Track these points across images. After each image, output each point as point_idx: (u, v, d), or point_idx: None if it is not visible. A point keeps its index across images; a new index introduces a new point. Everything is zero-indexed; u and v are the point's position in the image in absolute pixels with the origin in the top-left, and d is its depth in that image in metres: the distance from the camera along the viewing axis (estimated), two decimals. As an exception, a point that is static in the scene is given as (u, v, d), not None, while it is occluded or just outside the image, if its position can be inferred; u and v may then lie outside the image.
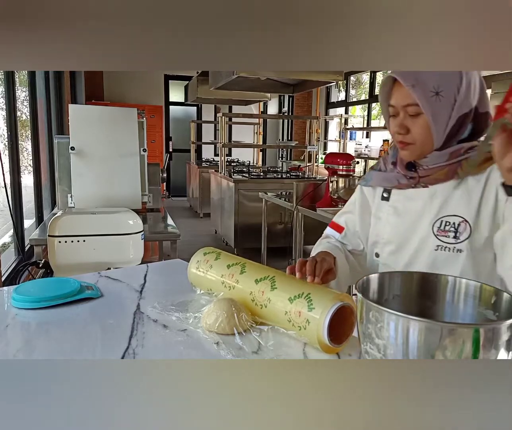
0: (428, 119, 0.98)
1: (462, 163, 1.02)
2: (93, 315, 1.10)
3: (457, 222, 1.02)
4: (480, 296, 0.73)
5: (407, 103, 0.99)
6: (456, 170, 1.02)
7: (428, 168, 1.05)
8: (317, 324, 0.86)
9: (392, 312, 0.62)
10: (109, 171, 2.66)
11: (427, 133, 1.00)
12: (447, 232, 1.03)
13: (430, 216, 1.06)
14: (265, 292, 0.98)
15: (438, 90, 0.96)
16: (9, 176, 2.93)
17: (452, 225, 1.02)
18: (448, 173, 1.03)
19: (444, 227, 1.03)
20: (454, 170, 1.02)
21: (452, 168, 1.02)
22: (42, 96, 4.30)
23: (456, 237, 1.02)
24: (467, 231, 1.01)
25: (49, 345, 0.96)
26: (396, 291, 0.78)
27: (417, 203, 1.09)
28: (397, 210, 1.14)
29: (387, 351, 0.64)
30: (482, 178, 1.00)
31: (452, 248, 1.02)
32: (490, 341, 0.58)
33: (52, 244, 2.04)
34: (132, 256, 2.16)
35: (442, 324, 0.60)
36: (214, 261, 1.15)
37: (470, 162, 1.01)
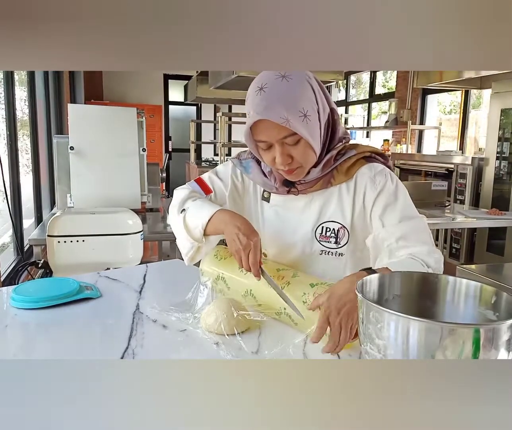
0: (308, 140, 0.98)
1: (334, 173, 1.09)
2: (92, 315, 1.09)
3: (337, 227, 1.10)
4: (480, 296, 0.73)
5: (283, 136, 0.98)
6: (330, 180, 1.09)
7: (305, 183, 1.09)
8: None
9: (392, 312, 0.62)
10: (109, 171, 2.66)
11: (309, 152, 1.02)
12: (329, 237, 1.11)
13: (311, 221, 1.12)
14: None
15: (304, 113, 0.96)
16: (8, 176, 2.93)
17: (332, 231, 1.10)
18: (323, 184, 1.10)
19: (325, 233, 1.11)
20: (328, 180, 1.09)
21: (326, 179, 1.09)
22: (41, 96, 4.29)
23: (337, 242, 1.10)
24: (345, 236, 1.10)
25: (48, 345, 0.96)
26: (396, 291, 0.78)
27: (297, 209, 1.14)
28: (278, 214, 1.17)
29: (387, 351, 0.63)
30: (351, 186, 1.09)
31: (334, 252, 1.11)
32: (490, 341, 0.58)
33: (51, 244, 2.04)
34: (132, 256, 2.16)
35: (442, 324, 0.60)
36: None
37: (339, 170, 1.09)
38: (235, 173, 1.21)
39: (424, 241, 1.02)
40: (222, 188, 1.20)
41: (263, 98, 0.95)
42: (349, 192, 1.09)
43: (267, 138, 0.99)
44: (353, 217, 1.09)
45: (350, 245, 1.10)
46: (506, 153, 3.92)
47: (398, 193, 1.06)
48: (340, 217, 1.09)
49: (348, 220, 1.09)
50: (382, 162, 1.12)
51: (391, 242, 1.02)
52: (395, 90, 6.43)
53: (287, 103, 0.94)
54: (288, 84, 0.95)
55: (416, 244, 1.01)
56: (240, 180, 1.21)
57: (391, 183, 1.07)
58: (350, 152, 1.09)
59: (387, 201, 1.05)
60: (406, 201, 1.07)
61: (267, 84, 0.96)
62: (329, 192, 1.11)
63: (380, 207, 1.06)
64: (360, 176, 1.09)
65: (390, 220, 1.04)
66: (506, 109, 3.89)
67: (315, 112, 0.99)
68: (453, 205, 3.65)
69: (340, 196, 1.10)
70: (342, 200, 1.10)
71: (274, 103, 0.94)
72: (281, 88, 0.95)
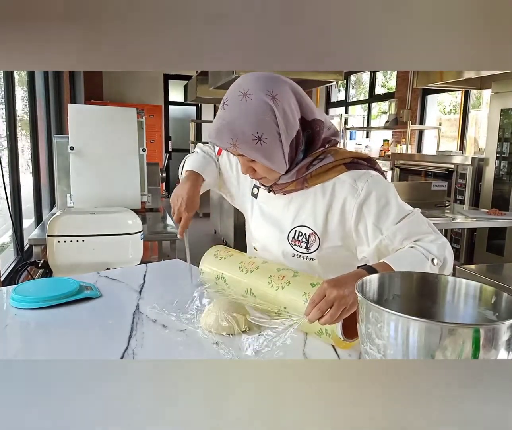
0: (262, 162, 0.99)
1: (307, 176, 1.07)
2: (92, 315, 1.09)
3: (308, 233, 1.10)
4: (480, 296, 0.73)
5: (239, 154, 1.00)
6: (304, 184, 1.08)
7: (281, 183, 1.09)
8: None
9: (392, 312, 0.62)
10: (108, 171, 2.66)
11: (269, 169, 1.02)
12: (300, 242, 1.11)
13: (287, 224, 1.13)
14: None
15: (259, 136, 0.95)
16: (8, 176, 2.93)
17: (304, 236, 1.11)
18: (297, 185, 1.09)
19: (297, 237, 1.11)
20: (302, 182, 1.08)
21: (300, 181, 1.08)
22: (41, 95, 4.29)
23: (307, 247, 1.10)
24: (316, 242, 1.09)
25: (48, 345, 0.95)
26: (396, 291, 0.78)
27: (278, 208, 1.16)
28: (262, 211, 1.20)
29: (387, 351, 0.63)
30: (327, 191, 1.08)
31: (305, 256, 1.11)
32: (490, 341, 0.58)
33: (51, 243, 2.04)
34: (131, 255, 2.16)
35: (442, 324, 0.60)
36: (236, 252, 1.20)
37: (314, 174, 1.07)
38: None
39: (426, 231, 1.01)
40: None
41: (218, 118, 0.97)
42: (324, 198, 1.07)
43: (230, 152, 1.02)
44: (327, 224, 1.07)
45: (322, 250, 1.09)
46: (506, 153, 3.92)
47: (387, 196, 1.04)
48: (312, 223, 1.09)
49: (319, 226, 1.08)
50: (368, 167, 1.08)
51: (395, 246, 1.01)
52: (395, 90, 6.43)
53: (239, 125, 0.94)
54: (246, 104, 0.94)
55: (419, 237, 1.00)
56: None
57: (377, 187, 1.04)
58: (327, 158, 1.06)
59: (378, 207, 1.02)
60: (398, 201, 1.05)
61: (229, 101, 0.97)
62: (306, 195, 1.10)
63: (372, 216, 1.02)
64: (339, 184, 1.06)
65: (387, 224, 1.02)
66: (506, 109, 3.90)
67: (274, 134, 0.96)
68: (453, 206, 3.65)
69: (315, 202, 1.09)
70: (316, 206, 1.08)
71: (225, 126, 0.95)
72: (238, 108, 0.95)
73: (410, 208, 1.05)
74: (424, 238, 1.00)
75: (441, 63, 0.70)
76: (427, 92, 5.91)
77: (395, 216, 1.02)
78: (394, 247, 1.01)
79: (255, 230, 1.22)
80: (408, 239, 1.00)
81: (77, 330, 1.02)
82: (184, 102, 7.83)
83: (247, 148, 0.95)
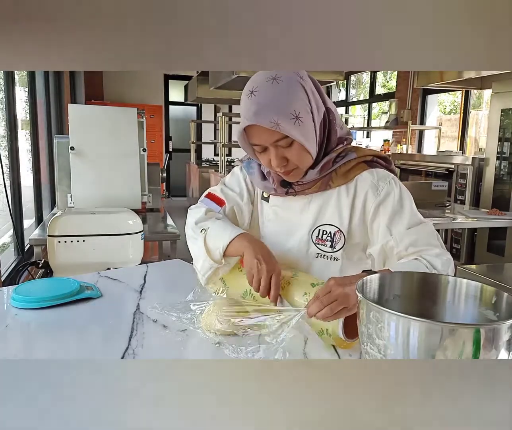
0: (301, 142, 0.98)
1: (332, 175, 1.07)
2: (92, 315, 1.09)
3: (333, 231, 1.09)
4: (480, 296, 0.73)
5: (276, 139, 0.97)
6: (328, 183, 1.08)
7: (303, 184, 1.08)
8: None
9: (392, 312, 0.62)
10: (109, 171, 2.66)
11: (304, 153, 1.01)
12: (325, 240, 1.09)
13: (309, 223, 1.11)
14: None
15: (296, 115, 0.95)
16: (8, 176, 2.93)
17: (329, 234, 1.09)
18: (321, 186, 1.08)
19: (322, 236, 1.10)
20: (327, 182, 1.08)
21: (324, 181, 1.08)
22: (41, 96, 4.29)
23: (332, 246, 1.09)
24: (341, 240, 1.08)
25: (49, 345, 0.96)
26: (396, 291, 0.78)
27: (295, 211, 1.13)
28: (277, 215, 1.17)
29: (387, 351, 0.63)
30: (351, 189, 1.08)
31: (329, 256, 1.09)
32: (491, 341, 0.58)
33: (51, 243, 2.04)
34: (132, 256, 2.16)
35: (442, 324, 0.60)
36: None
37: (338, 173, 1.07)
38: (245, 177, 1.21)
39: (433, 244, 1.01)
40: (236, 199, 1.19)
41: (253, 103, 0.95)
42: (348, 196, 1.07)
43: (260, 142, 0.99)
44: (351, 221, 1.07)
45: (346, 249, 1.08)
46: (506, 153, 3.92)
47: (403, 200, 1.05)
48: (337, 221, 1.08)
49: (345, 224, 1.07)
50: (385, 167, 1.10)
51: (400, 249, 1.01)
52: (395, 90, 6.43)
53: (277, 106, 0.94)
54: (278, 86, 0.95)
55: (425, 248, 1.00)
56: (250, 183, 1.21)
57: (396, 190, 1.06)
58: (350, 155, 1.07)
59: (394, 209, 1.04)
60: (412, 208, 1.05)
61: (258, 88, 0.96)
62: (328, 195, 1.09)
63: (386, 216, 1.04)
64: (361, 181, 1.07)
65: (398, 228, 1.02)
66: (506, 109, 3.89)
67: (308, 113, 0.97)
68: (454, 206, 3.65)
69: (339, 199, 1.08)
70: (341, 204, 1.08)
71: (263, 108, 0.94)
72: (271, 91, 0.95)
73: (423, 218, 1.06)
74: (430, 250, 1.00)
75: (441, 63, 0.70)
76: (428, 92, 5.91)
77: (407, 221, 1.03)
78: (399, 250, 1.01)
79: (268, 234, 1.18)
80: (414, 246, 1.00)
81: (77, 330, 1.02)
82: (184, 102, 7.83)
83: (287, 126, 0.94)
